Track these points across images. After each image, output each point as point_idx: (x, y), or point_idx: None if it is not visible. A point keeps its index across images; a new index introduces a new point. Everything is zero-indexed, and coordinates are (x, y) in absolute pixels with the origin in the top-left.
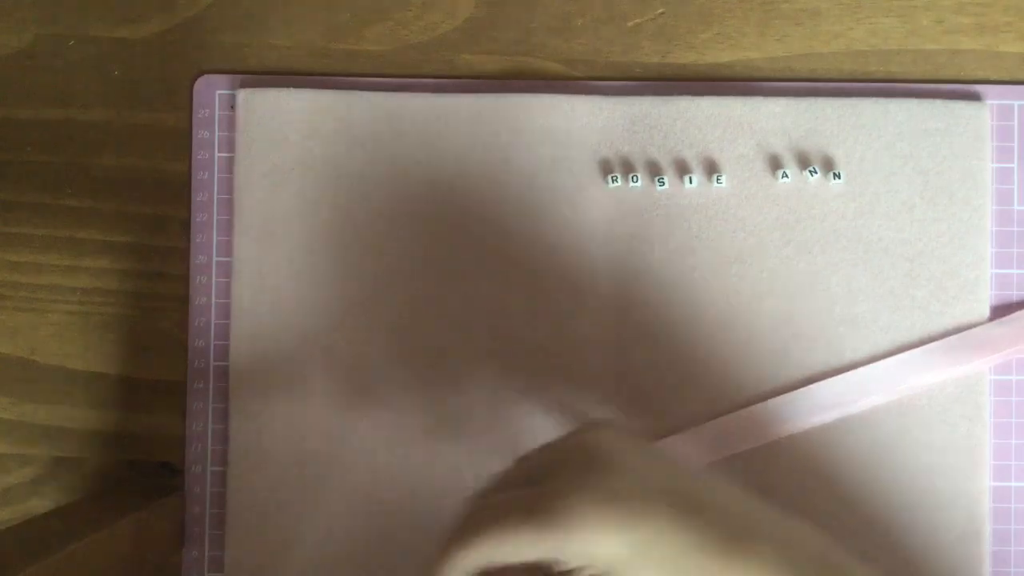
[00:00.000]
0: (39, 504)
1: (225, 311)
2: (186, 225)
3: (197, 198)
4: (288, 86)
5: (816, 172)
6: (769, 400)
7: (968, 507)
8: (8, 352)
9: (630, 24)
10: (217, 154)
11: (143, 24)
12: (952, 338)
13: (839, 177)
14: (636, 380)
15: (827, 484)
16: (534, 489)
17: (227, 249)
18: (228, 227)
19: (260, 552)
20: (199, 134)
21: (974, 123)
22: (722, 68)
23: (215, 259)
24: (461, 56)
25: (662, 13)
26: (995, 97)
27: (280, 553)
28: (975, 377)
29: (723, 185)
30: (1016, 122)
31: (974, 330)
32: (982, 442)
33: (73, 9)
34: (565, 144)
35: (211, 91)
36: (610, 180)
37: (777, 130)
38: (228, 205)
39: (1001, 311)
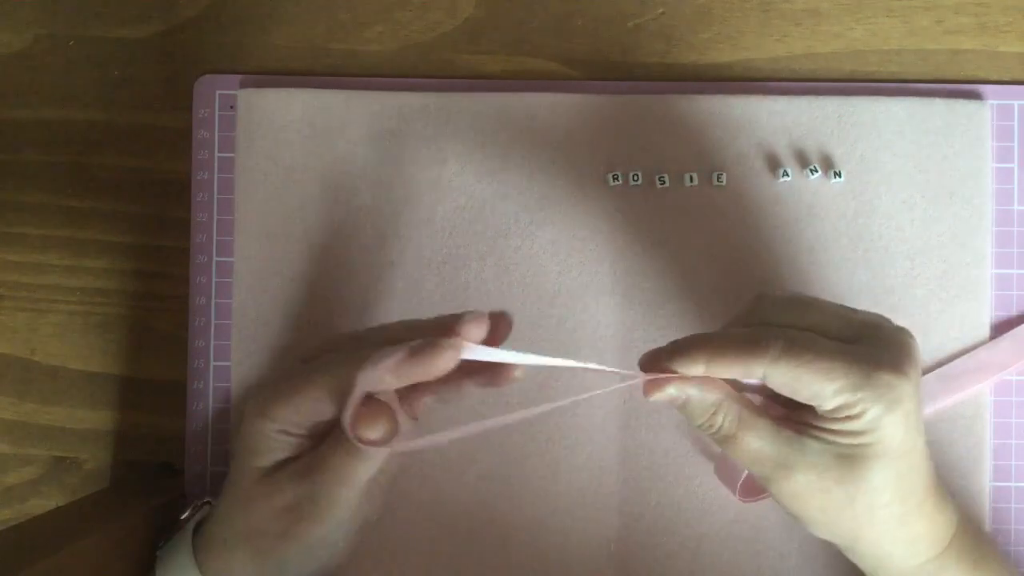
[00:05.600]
0: (39, 504)
1: (225, 311)
2: (186, 225)
3: (197, 198)
4: (288, 86)
5: (816, 171)
6: None
7: (968, 507)
8: (8, 352)
9: (630, 24)
10: (217, 154)
11: (143, 24)
12: (948, 366)
13: (839, 176)
14: None
15: None
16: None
17: (227, 249)
18: (228, 227)
19: None
20: (199, 134)
21: (974, 123)
22: (722, 68)
23: (215, 259)
24: (461, 56)
25: (662, 13)
26: (995, 97)
27: None
28: None
29: (723, 184)
30: (1016, 122)
31: (973, 353)
32: (982, 442)
33: (73, 9)
34: (565, 144)
35: (211, 91)
36: (611, 179)
37: (777, 129)
38: (228, 205)
39: (1001, 311)
